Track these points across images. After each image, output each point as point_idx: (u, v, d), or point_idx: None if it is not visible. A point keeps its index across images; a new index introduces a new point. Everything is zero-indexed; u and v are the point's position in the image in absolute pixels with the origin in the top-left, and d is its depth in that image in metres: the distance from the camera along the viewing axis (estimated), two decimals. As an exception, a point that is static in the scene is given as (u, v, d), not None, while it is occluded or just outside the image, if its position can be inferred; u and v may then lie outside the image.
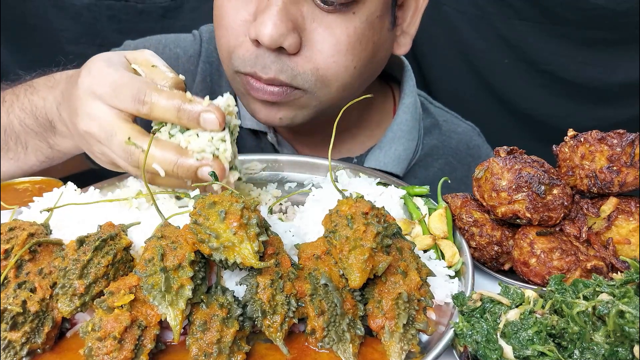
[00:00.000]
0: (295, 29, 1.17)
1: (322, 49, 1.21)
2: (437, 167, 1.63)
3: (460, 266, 0.98)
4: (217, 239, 0.77)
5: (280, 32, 1.14)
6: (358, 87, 1.35)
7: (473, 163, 1.68)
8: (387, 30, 1.33)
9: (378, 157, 1.52)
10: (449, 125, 1.73)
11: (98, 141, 1.01)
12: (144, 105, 0.96)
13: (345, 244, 0.81)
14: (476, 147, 1.73)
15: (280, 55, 1.20)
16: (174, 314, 0.75)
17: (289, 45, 1.17)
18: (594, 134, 1.00)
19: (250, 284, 0.80)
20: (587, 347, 0.74)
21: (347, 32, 1.21)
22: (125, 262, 0.85)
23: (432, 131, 1.67)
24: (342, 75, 1.25)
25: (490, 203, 1.02)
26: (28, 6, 2.47)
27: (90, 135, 1.01)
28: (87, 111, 1.00)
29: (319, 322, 0.78)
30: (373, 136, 1.61)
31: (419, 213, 1.08)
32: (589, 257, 0.95)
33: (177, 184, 1.03)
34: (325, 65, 1.22)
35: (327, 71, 1.23)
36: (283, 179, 1.34)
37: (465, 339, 0.80)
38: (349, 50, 1.23)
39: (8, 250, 0.85)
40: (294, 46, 1.18)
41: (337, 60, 1.22)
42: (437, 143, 1.66)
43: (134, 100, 0.96)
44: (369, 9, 1.22)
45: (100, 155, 1.05)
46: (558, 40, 2.97)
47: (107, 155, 1.02)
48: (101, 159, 1.06)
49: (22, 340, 0.76)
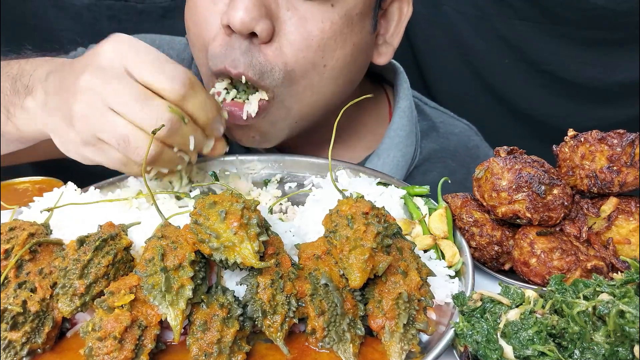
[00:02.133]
0: (268, 15, 1.13)
1: (293, 41, 1.16)
2: (437, 171, 1.58)
3: (461, 266, 0.98)
4: (217, 238, 0.77)
5: (252, 15, 1.09)
6: (332, 93, 1.28)
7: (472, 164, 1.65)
8: (367, 34, 1.27)
9: (376, 165, 1.47)
10: (446, 126, 1.69)
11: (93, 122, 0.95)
12: (187, 89, 0.95)
13: (345, 243, 0.81)
14: (475, 147, 1.70)
15: (250, 45, 1.15)
16: (175, 314, 0.75)
17: (260, 30, 1.12)
18: (594, 134, 1.00)
19: (250, 283, 0.80)
20: (587, 347, 0.74)
21: (322, 26, 1.16)
22: (126, 262, 0.85)
23: (429, 134, 1.63)
24: (311, 73, 1.20)
25: (491, 203, 1.02)
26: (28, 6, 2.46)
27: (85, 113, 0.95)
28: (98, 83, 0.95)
29: (319, 322, 0.78)
30: (369, 143, 1.57)
31: (419, 213, 1.08)
32: (589, 257, 0.95)
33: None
34: (294, 59, 1.17)
35: (295, 66, 1.17)
36: (283, 179, 1.34)
37: (466, 338, 0.80)
38: (320, 47, 1.17)
39: (8, 250, 0.85)
40: (266, 32, 1.13)
41: (306, 55, 1.17)
42: (435, 146, 1.62)
43: (179, 82, 0.94)
44: (348, 3, 1.18)
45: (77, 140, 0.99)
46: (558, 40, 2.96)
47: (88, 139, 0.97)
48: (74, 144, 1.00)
49: (23, 340, 0.76)
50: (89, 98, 0.95)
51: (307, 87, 1.22)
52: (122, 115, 0.94)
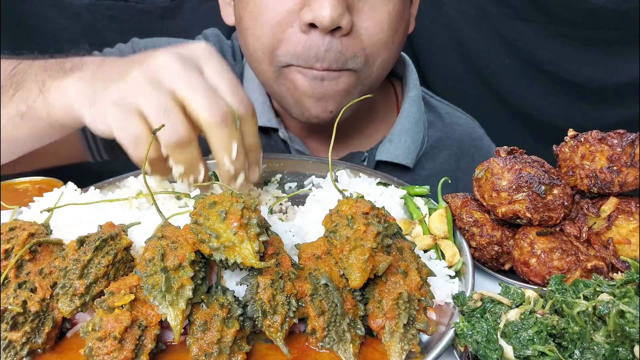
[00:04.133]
0: (348, 8, 1.23)
1: (368, 27, 1.28)
2: (443, 158, 1.67)
3: (461, 266, 0.98)
4: (217, 239, 0.77)
5: (339, 12, 1.18)
6: (390, 66, 1.42)
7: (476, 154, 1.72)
8: (409, 6, 1.42)
9: (389, 150, 1.56)
10: (451, 117, 1.79)
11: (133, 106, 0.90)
12: (249, 109, 0.94)
13: (345, 243, 0.81)
14: (478, 139, 1.79)
15: (331, 40, 1.24)
16: (175, 314, 0.75)
17: (345, 24, 1.22)
18: (594, 134, 1.00)
19: (250, 284, 0.80)
20: (587, 347, 0.74)
21: (388, 9, 1.29)
22: (126, 262, 0.85)
23: (435, 124, 1.72)
24: (384, 52, 1.33)
25: (491, 203, 1.02)
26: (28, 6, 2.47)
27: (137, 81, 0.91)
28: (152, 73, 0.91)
29: (319, 322, 0.78)
30: (379, 130, 1.64)
31: (419, 213, 1.08)
32: (589, 257, 0.95)
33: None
34: (371, 43, 1.29)
35: (372, 49, 1.30)
36: (283, 179, 1.34)
37: (466, 339, 0.80)
38: (390, 27, 1.31)
39: (8, 250, 0.85)
40: (349, 25, 1.24)
41: (380, 37, 1.30)
42: (441, 135, 1.71)
43: (247, 100, 0.93)
44: None
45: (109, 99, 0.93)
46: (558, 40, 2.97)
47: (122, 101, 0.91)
48: (101, 106, 0.94)
49: (23, 340, 0.76)
50: (146, 72, 0.92)
51: (380, 64, 1.35)
52: (180, 93, 0.91)
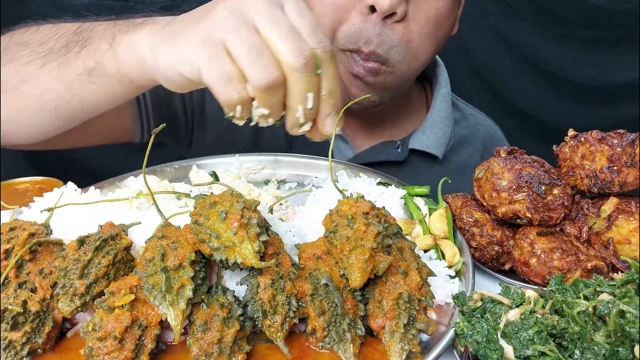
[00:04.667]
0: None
1: (418, 19, 1.35)
2: (468, 154, 1.75)
3: (461, 266, 0.98)
4: (217, 239, 0.77)
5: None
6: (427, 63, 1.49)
7: None
8: (457, 8, 1.49)
9: (421, 140, 1.63)
10: (475, 118, 1.89)
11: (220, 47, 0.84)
12: (331, 52, 0.88)
13: (345, 243, 0.81)
14: (499, 140, 1.89)
15: (383, 25, 1.32)
16: (175, 314, 0.75)
17: (402, 11, 1.30)
18: (594, 134, 1.00)
19: (250, 284, 0.80)
20: (587, 347, 0.74)
21: (438, 5, 1.37)
22: (126, 262, 0.85)
23: (460, 122, 1.82)
24: (426, 46, 1.40)
25: (491, 203, 1.02)
26: (28, 6, 2.46)
27: (223, 20, 0.85)
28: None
29: (319, 322, 0.78)
30: (410, 123, 1.72)
31: (419, 213, 1.08)
32: (589, 257, 0.95)
33: None
34: (418, 34, 1.37)
35: (418, 41, 1.37)
36: (283, 179, 1.34)
37: (466, 339, 0.80)
38: (436, 23, 1.38)
39: (9, 250, 0.85)
40: (405, 13, 1.32)
41: (427, 31, 1.37)
42: (466, 133, 1.80)
43: (328, 41, 0.87)
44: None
45: (192, 41, 0.87)
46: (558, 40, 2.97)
47: (209, 40, 0.85)
48: (183, 50, 0.88)
49: (23, 340, 0.76)
50: (232, 10, 0.86)
51: (422, 56, 1.42)
52: (265, 32, 0.85)
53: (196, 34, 0.86)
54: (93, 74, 1.04)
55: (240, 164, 1.34)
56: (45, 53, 1.10)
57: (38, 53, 1.11)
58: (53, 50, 1.09)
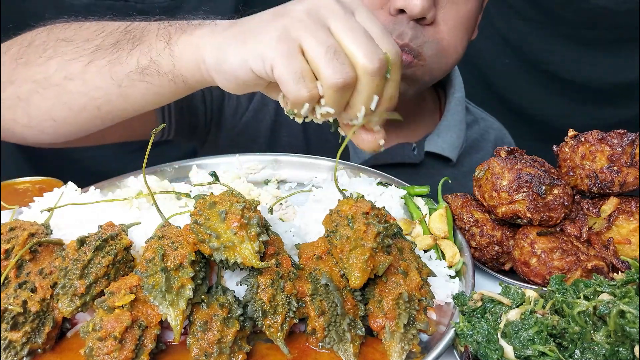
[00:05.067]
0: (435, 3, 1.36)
1: (447, 22, 1.40)
2: (480, 157, 1.77)
3: (461, 266, 0.98)
4: (217, 239, 0.77)
5: (429, 4, 1.32)
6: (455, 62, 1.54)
7: None
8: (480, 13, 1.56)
9: (436, 142, 1.67)
10: (486, 122, 1.94)
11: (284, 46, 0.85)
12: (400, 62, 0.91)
13: (345, 243, 0.81)
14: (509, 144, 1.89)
15: (415, 25, 1.35)
16: (175, 314, 0.75)
17: (431, 16, 1.35)
18: (594, 134, 1.00)
19: (250, 284, 0.80)
20: (587, 347, 0.74)
21: (466, 9, 1.42)
22: (126, 262, 0.85)
23: (472, 126, 1.86)
24: (458, 47, 1.46)
25: (491, 203, 1.02)
26: (28, 6, 2.46)
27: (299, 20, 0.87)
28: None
29: (319, 322, 0.78)
30: (424, 126, 1.75)
31: (419, 213, 1.08)
32: (589, 257, 0.95)
33: None
34: (449, 36, 1.42)
35: (449, 42, 1.42)
36: (283, 179, 1.34)
37: (466, 339, 0.80)
38: (464, 25, 1.44)
39: (9, 250, 0.85)
40: (434, 18, 1.37)
41: (457, 33, 1.43)
42: (477, 137, 1.85)
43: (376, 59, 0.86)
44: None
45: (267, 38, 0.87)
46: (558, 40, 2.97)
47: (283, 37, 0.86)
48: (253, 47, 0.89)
49: (23, 340, 0.76)
50: (309, 11, 0.88)
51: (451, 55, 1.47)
52: (340, 35, 0.87)
53: (271, 32, 0.87)
54: (146, 72, 1.03)
55: (240, 164, 1.34)
56: (92, 50, 1.07)
57: (85, 49, 1.08)
58: (101, 48, 1.07)
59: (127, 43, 1.06)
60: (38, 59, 1.11)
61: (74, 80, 1.08)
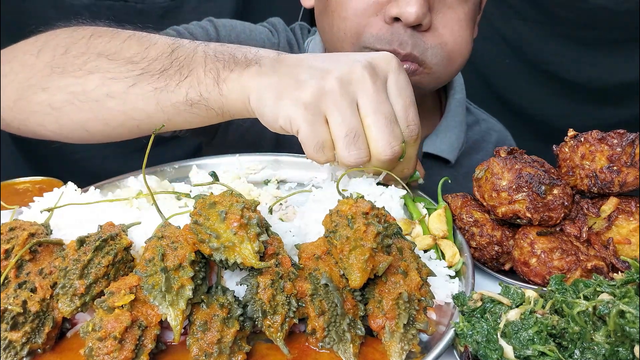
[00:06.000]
0: (430, 9, 1.34)
1: (447, 26, 1.39)
2: (480, 158, 1.75)
3: (461, 266, 0.98)
4: (217, 239, 0.77)
5: (424, 11, 1.30)
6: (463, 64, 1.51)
7: None
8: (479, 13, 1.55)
9: (435, 143, 1.66)
10: (487, 123, 1.93)
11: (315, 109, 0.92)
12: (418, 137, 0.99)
13: (345, 244, 0.81)
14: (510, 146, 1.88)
15: (413, 32, 1.34)
16: (175, 314, 0.75)
17: (427, 22, 1.33)
18: (594, 134, 1.00)
19: (250, 284, 0.80)
20: (587, 347, 0.74)
21: (464, 10, 1.41)
22: (126, 262, 0.85)
23: (473, 127, 1.85)
24: (465, 49, 1.45)
25: (491, 203, 1.02)
26: (28, 6, 2.47)
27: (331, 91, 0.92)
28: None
29: (319, 322, 0.78)
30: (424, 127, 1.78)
31: (419, 213, 1.08)
32: (589, 257, 0.95)
33: None
34: (452, 39, 1.40)
35: (454, 46, 1.41)
36: (283, 179, 1.34)
37: (466, 339, 0.80)
38: (467, 25, 1.43)
39: (8, 251, 0.85)
40: (430, 25, 1.36)
41: (461, 34, 1.41)
42: (478, 138, 1.84)
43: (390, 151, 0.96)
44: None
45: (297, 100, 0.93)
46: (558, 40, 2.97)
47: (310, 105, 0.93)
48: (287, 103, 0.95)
49: (23, 340, 0.76)
50: (341, 82, 0.93)
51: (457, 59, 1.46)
52: (365, 117, 0.94)
53: (304, 92, 0.93)
54: (195, 106, 1.06)
55: (240, 164, 1.34)
56: (138, 73, 1.08)
57: (129, 71, 1.08)
58: (147, 72, 1.07)
59: (174, 73, 1.07)
60: (77, 71, 1.11)
61: (115, 98, 1.09)
